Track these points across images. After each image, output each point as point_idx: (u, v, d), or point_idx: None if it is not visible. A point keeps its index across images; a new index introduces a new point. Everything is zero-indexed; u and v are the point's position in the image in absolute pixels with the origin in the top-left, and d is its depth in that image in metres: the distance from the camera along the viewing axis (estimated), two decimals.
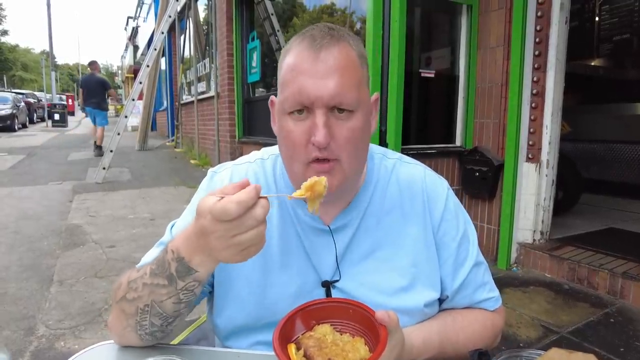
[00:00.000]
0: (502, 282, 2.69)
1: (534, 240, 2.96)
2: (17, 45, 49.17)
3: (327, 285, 0.77)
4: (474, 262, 0.82)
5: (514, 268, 2.94)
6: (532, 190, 2.90)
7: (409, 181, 0.83)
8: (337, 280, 0.77)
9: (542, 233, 2.97)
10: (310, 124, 0.68)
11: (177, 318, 0.70)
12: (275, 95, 0.76)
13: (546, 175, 2.88)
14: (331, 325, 0.65)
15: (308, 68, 0.67)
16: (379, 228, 0.79)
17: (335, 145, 0.68)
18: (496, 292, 0.86)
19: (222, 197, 0.56)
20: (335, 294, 0.77)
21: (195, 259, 0.62)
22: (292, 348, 0.61)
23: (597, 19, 5.18)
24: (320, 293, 0.76)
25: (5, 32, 39.76)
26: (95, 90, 8.74)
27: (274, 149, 0.88)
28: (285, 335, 0.62)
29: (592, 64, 5.21)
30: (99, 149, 8.36)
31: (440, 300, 0.83)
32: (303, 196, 0.62)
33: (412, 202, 0.81)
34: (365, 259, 0.78)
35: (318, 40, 0.68)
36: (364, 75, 0.72)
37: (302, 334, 0.64)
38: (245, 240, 0.56)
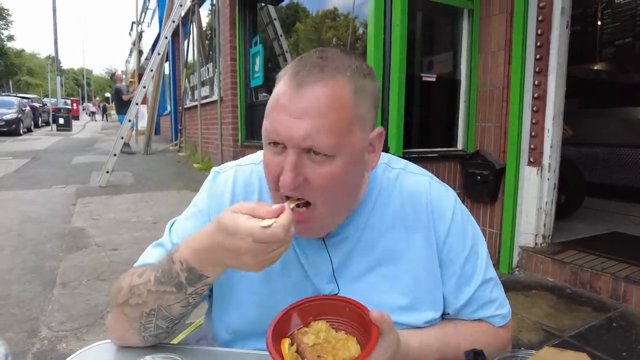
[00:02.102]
0: (504, 286, 2.64)
1: (536, 244, 2.95)
2: (22, 50, 49.57)
3: None
4: (481, 280, 0.78)
5: (516, 272, 2.93)
6: (533, 193, 2.90)
7: (413, 193, 0.78)
8: (335, 295, 0.76)
9: (544, 237, 2.96)
10: (283, 160, 0.63)
11: (182, 319, 0.72)
12: None
13: (548, 179, 2.88)
14: (327, 322, 0.65)
15: (285, 104, 0.62)
16: (380, 243, 0.76)
17: (309, 189, 0.64)
18: (505, 310, 0.81)
19: (258, 219, 0.57)
20: None
21: (207, 269, 0.64)
22: (285, 343, 0.61)
23: (599, 23, 5.19)
24: None
25: (11, 37, 40.03)
26: (115, 99, 10.86)
27: None
28: (281, 329, 0.63)
29: (595, 67, 5.20)
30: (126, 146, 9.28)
31: (442, 315, 0.81)
32: None
33: (416, 216, 0.77)
34: (365, 274, 0.76)
35: (301, 75, 0.62)
36: (358, 114, 0.64)
37: (298, 330, 0.64)
38: (273, 257, 0.59)
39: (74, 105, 27.95)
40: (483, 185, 3.02)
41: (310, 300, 0.67)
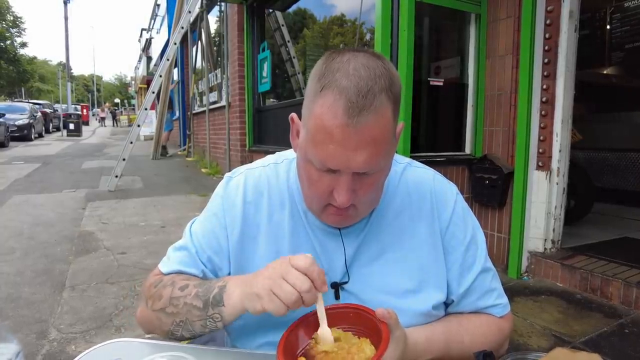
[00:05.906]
0: (513, 291, 2.66)
1: (545, 249, 2.92)
2: (35, 57, 50.15)
3: (336, 287, 0.78)
4: (481, 268, 0.82)
5: (525, 277, 2.90)
6: (542, 198, 2.87)
7: (418, 184, 0.83)
8: (345, 282, 0.78)
9: (553, 242, 2.93)
10: (335, 179, 0.67)
11: (205, 335, 0.78)
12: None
13: (557, 183, 2.85)
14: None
15: (340, 138, 0.62)
16: (387, 231, 0.80)
17: (355, 197, 0.69)
18: (504, 299, 0.85)
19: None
20: (343, 295, 0.78)
21: (230, 294, 0.70)
22: None
23: (608, 27, 5.16)
24: (329, 295, 0.77)
25: (24, 45, 40.58)
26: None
27: (288, 154, 0.88)
28: (290, 349, 0.63)
29: (605, 72, 5.16)
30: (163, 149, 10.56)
31: (446, 305, 0.83)
32: None
33: (420, 205, 0.81)
34: (374, 261, 0.79)
35: (355, 108, 0.61)
36: (394, 125, 0.68)
37: (309, 346, 0.64)
38: (283, 291, 0.62)
39: (84, 111, 28.30)
40: (491, 189, 3.00)
41: (314, 314, 0.66)
